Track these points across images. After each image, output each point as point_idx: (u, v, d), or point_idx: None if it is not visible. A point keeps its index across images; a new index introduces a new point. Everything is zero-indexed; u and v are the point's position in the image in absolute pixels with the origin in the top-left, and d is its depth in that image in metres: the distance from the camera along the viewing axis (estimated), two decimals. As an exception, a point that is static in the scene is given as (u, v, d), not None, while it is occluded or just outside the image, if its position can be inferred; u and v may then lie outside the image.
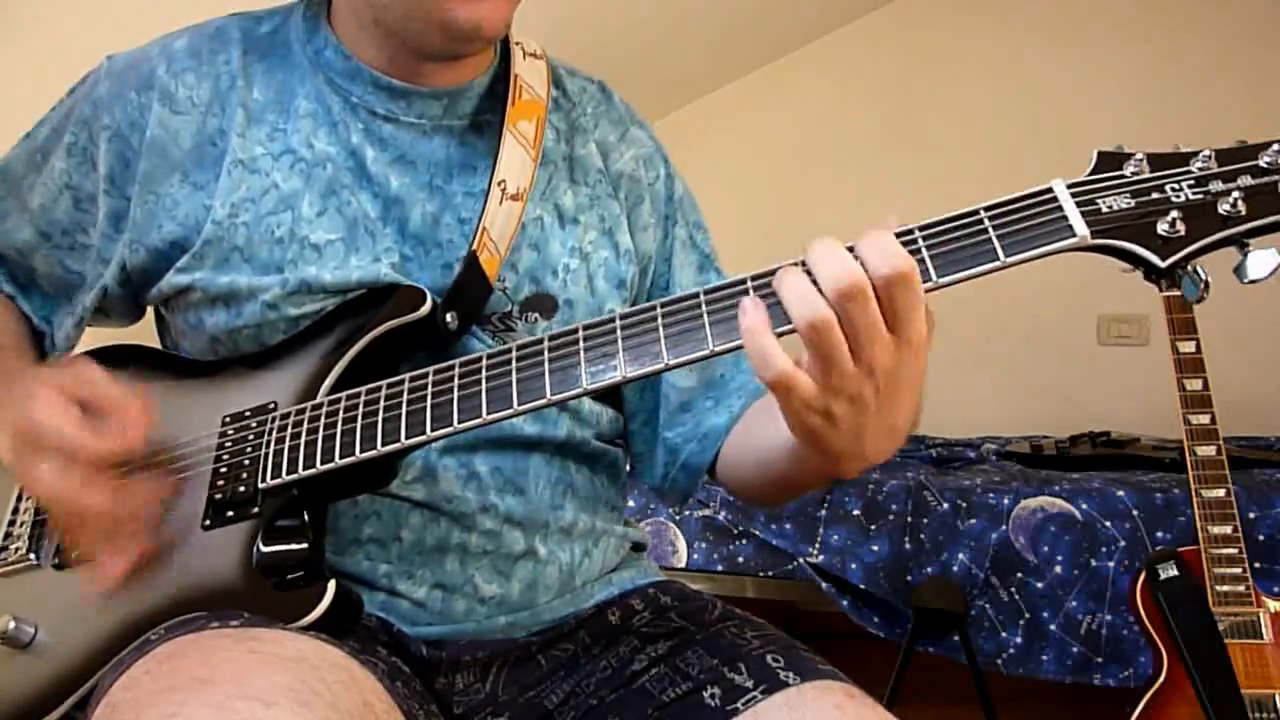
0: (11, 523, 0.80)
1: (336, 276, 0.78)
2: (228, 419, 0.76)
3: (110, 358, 0.85)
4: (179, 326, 0.83)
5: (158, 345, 0.89)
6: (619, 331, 0.65)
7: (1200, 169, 0.60)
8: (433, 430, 0.68)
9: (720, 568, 2.06)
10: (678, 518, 2.10)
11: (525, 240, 0.83)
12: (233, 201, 0.78)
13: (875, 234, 0.58)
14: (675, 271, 0.93)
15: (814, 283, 0.58)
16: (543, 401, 0.65)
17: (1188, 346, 1.65)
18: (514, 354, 0.68)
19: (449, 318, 0.78)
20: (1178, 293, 0.61)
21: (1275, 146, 0.59)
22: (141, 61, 0.82)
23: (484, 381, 0.67)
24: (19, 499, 0.81)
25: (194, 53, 0.82)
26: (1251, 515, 1.80)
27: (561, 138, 0.89)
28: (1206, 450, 1.61)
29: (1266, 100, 2.71)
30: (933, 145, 3.05)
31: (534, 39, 0.92)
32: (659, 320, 0.63)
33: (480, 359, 0.69)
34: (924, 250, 0.60)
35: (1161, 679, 1.57)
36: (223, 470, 0.73)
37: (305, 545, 0.70)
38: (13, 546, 0.78)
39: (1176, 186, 0.60)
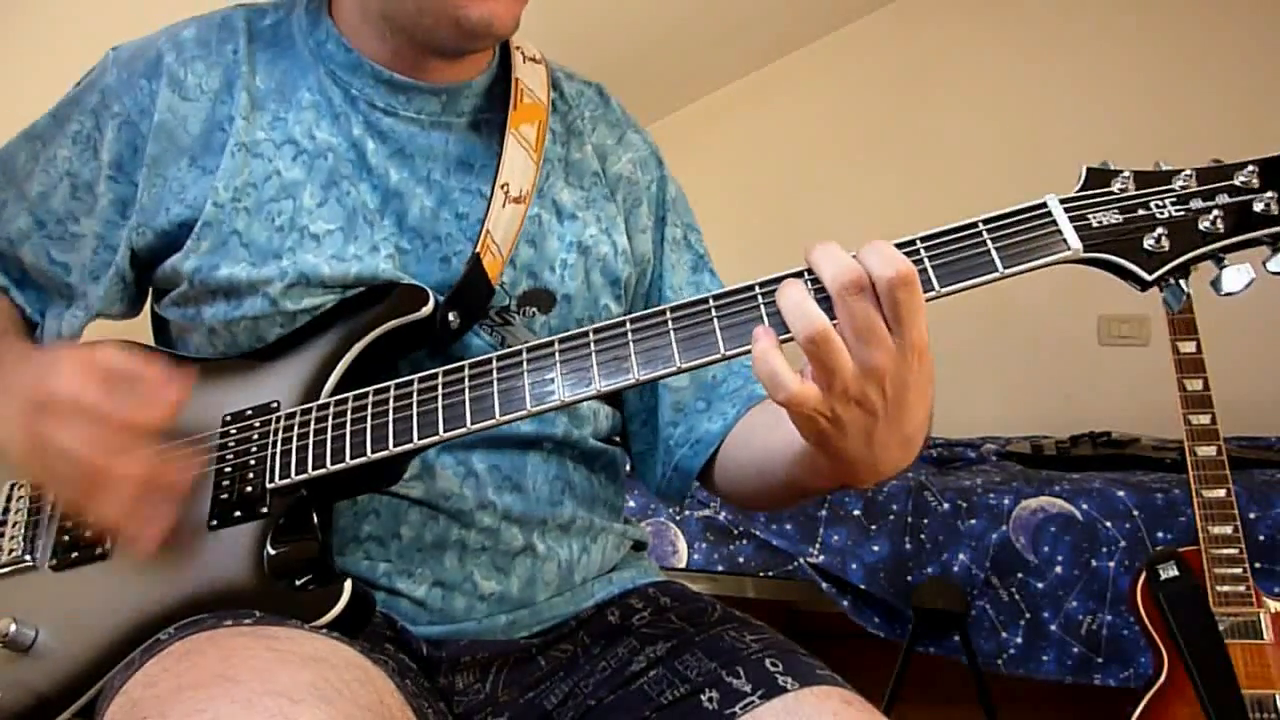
0: (2, 522, 0.78)
1: (335, 269, 0.78)
2: (229, 418, 0.76)
3: None
4: (176, 321, 0.83)
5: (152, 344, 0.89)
6: (630, 335, 0.65)
7: (1182, 187, 0.64)
8: (445, 431, 0.68)
9: (720, 568, 2.06)
10: (678, 518, 2.10)
11: (522, 236, 0.83)
12: (235, 185, 0.79)
13: (876, 243, 0.60)
14: (667, 271, 0.93)
15: (814, 289, 0.60)
16: (555, 403, 0.66)
17: (1188, 346, 1.65)
18: (525, 356, 0.68)
19: (451, 317, 0.78)
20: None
21: (1250, 167, 0.63)
22: (149, 49, 0.83)
23: (495, 383, 0.68)
24: (9, 499, 0.80)
25: (202, 42, 0.83)
26: (1252, 515, 1.80)
27: (558, 140, 0.89)
28: (1207, 450, 1.61)
29: (1253, 108, 2.72)
30: (932, 146, 3.04)
31: (533, 39, 0.92)
32: (669, 324, 0.64)
33: (490, 360, 0.69)
34: (926, 260, 0.62)
35: (1162, 679, 1.57)
36: (228, 470, 0.73)
37: (315, 545, 0.71)
38: (5, 546, 0.77)
39: (1161, 203, 0.63)
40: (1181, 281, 0.63)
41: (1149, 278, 0.62)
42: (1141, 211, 0.63)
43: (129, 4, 1.53)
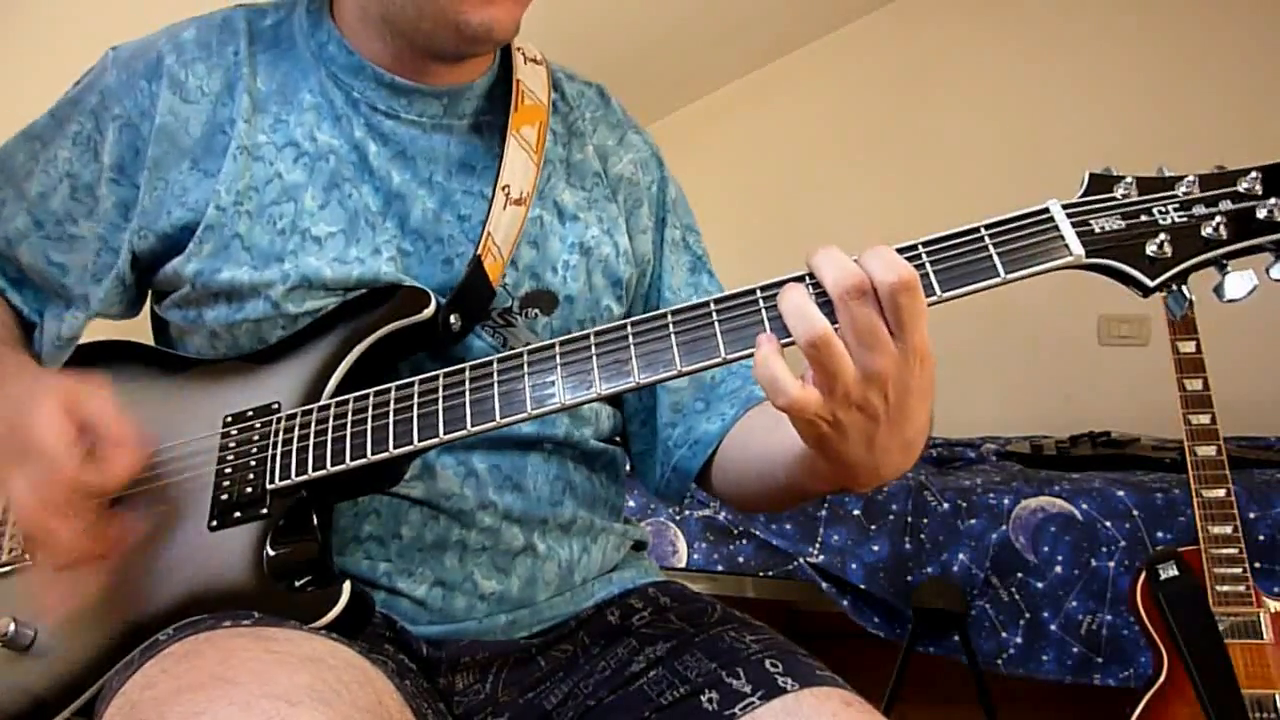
0: (2, 521, 0.78)
1: (337, 271, 0.78)
2: (229, 419, 0.76)
3: (104, 354, 0.85)
4: (177, 323, 0.83)
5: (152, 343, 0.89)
6: (630, 338, 0.65)
7: (1185, 193, 0.63)
8: (445, 433, 0.68)
9: (720, 568, 2.06)
10: (678, 518, 2.10)
11: (524, 237, 0.84)
12: (237, 189, 0.78)
13: (878, 248, 0.60)
14: (666, 272, 0.93)
15: (815, 292, 0.60)
16: (555, 406, 0.66)
17: (1188, 346, 1.65)
18: (525, 358, 0.68)
19: (452, 319, 0.78)
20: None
21: (1253, 174, 0.62)
22: (149, 50, 0.82)
23: (495, 385, 0.68)
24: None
25: (203, 43, 0.83)
26: (1251, 515, 1.80)
27: (559, 141, 0.89)
28: (1207, 450, 1.62)
29: (1253, 108, 2.72)
30: (932, 146, 3.04)
31: (533, 39, 0.92)
32: (670, 327, 0.64)
33: (491, 362, 0.69)
34: (927, 265, 0.62)
35: (1161, 679, 1.57)
36: (228, 471, 0.73)
37: (315, 546, 0.71)
38: (5, 546, 0.77)
39: (1164, 210, 0.63)
40: (1184, 288, 0.63)
41: (1151, 284, 0.62)
42: (1144, 217, 0.63)
43: (129, 4, 1.53)
